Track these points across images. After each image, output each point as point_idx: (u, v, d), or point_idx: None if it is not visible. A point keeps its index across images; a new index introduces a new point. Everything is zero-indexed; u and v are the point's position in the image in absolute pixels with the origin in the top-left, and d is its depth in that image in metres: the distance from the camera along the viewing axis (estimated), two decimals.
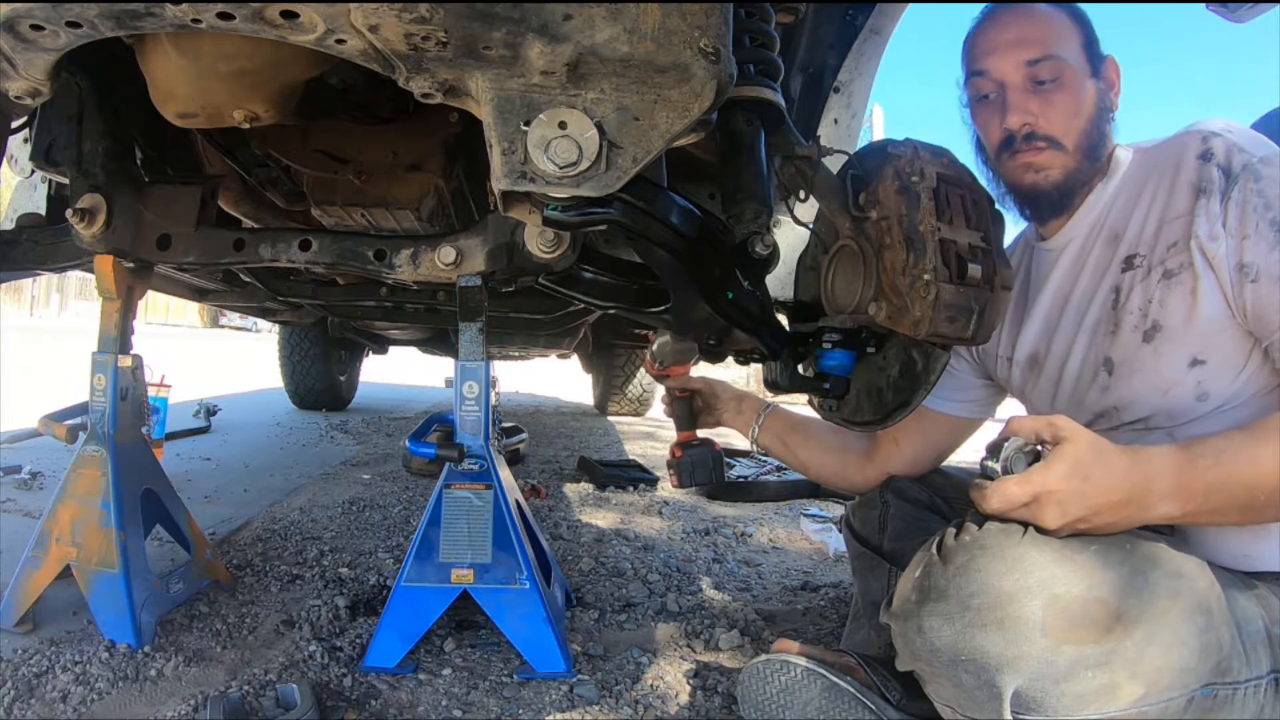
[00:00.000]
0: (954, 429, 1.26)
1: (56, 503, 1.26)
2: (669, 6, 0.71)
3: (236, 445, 3.36)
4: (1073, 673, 0.73)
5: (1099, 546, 0.76)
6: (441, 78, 0.77)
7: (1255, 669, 0.79)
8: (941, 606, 0.77)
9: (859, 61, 1.52)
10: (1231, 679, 0.77)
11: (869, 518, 1.26)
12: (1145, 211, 0.96)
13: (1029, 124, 0.98)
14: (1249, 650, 0.79)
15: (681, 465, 1.32)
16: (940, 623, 0.77)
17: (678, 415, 1.37)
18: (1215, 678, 0.76)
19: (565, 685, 1.18)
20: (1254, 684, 0.79)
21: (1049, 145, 0.98)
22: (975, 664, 0.75)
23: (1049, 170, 1.00)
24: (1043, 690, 0.73)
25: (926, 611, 0.79)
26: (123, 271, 1.31)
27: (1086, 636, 0.72)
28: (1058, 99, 0.97)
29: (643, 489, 2.86)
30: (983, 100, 1.03)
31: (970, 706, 0.78)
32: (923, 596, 0.80)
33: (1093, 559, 0.75)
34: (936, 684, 0.82)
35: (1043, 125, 0.98)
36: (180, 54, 0.96)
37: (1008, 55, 0.99)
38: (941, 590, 0.78)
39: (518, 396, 7.36)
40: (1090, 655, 0.72)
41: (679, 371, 1.35)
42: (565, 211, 0.89)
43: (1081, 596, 0.73)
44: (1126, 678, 0.73)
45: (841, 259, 1.09)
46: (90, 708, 1.05)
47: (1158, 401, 0.94)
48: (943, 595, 0.77)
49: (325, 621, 1.33)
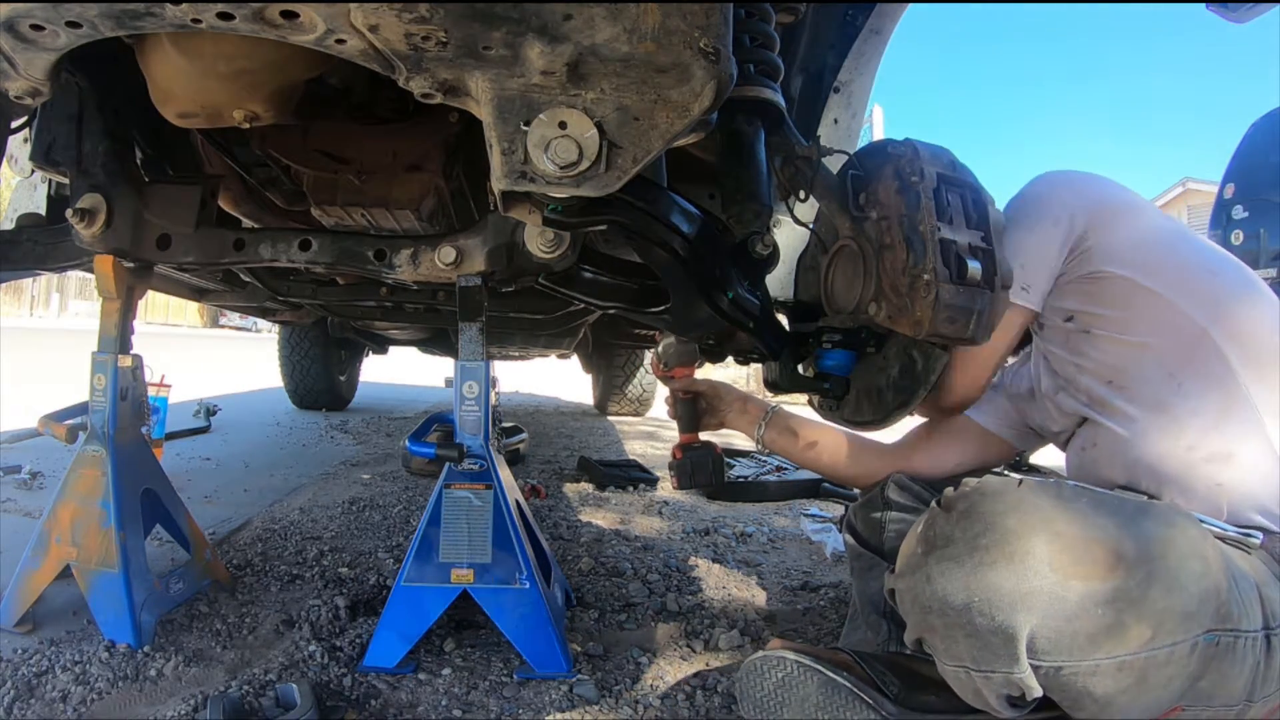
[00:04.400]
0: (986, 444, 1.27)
1: (56, 503, 1.26)
2: (669, 6, 0.71)
3: (236, 445, 3.36)
4: (1082, 609, 0.73)
5: (1090, 498, 0.80)
6: (441, 78, 0.77)
7: (1251, 622, 0.81)
8: (950, 550, 0.78)
9: (859, 61, 1.52)
10: (1233, 626, 0.79)
11: (869, 517, 1.26)
12: None
13: None
14: (1247, 601, 0.81)
15: (682, 467, 1.32)
16: (950, 566, 0.78)
17: (681, 417, 1.37)
18: (1217, 623, 0.77)
19: (565, 685, 1.18)
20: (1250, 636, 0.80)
21: None
22: (988, 603, 0.75)
23: None
24: (1055, 630, 0.74)
25: (935, 558, 0.79)
26: (123, 271, 1.31)
27: (1091, 573, 0.73)
28: None
29: (642, 489, 2.86)
30: None
31: (986, 656, 0.77)
32: (929, 547, 0.81)
33: (1086, 507, 0.78)
34: (949, 640, 0.80)
35: None
36: (180, 54, 0.96)
37: None
38: (948, 536, 0.79)
39: (518, 396, 7.36)
40: (1097, 592, 0.73)
41: (684, 373, 1.36)
42: (565, 212, 0.89)
43: (1081, 535, 0.75)
44: (1133, 618, 0.73)
45: (841, 259, 1.09)
46: (90, 708, 1.05)
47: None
48: (949, 540, 0.79)
49: (325, 621, 1.33)
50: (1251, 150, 4.26)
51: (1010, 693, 0.78)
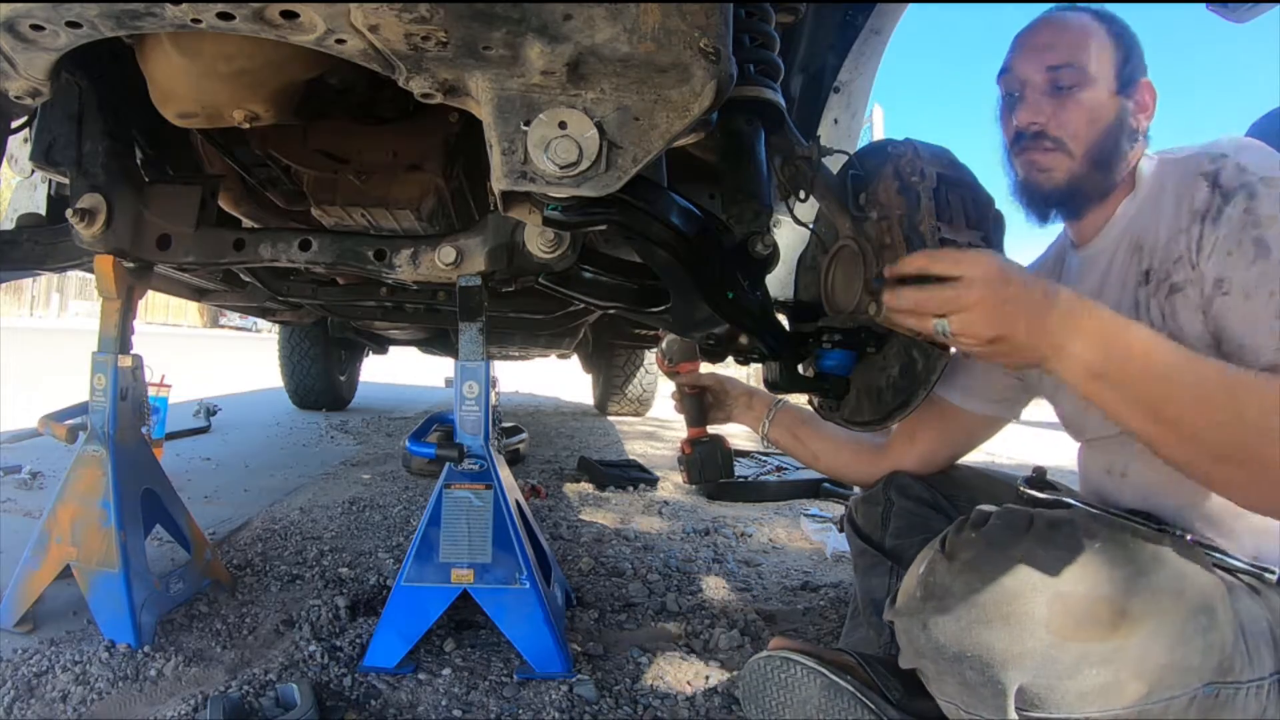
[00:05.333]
0: (974, 428, 1.25)
1: (56, 503, 1.26)
2: (669, 6, 0.71)
3: (236, 445, 3.36)
4: (1077, 670, 0.73)
5: (1102, 544, 0.77)
6: (441, 78, 0.78)
7: (1258, 669, 0.79)
8: (946, 603, 0.78)
9: (859, 61, 1.52)
10: (1234, 679, 0.78)
11: (871, 515, 1.26)
12: (1159, 226, 0.96)
13: (1039, 124, 0.99)
14: (1252, 650, 0.80)
15: (691, 461, 1.33)
16: (945, 619, 0.77)
17: (688, 411, 1.37)
18: (1218, 677, 0.76)
19: (565, 685, 1.18)
20: (1256, 684, 0.79)
21: (1056, 147, 0.99)
22: (980, 660, 0.75)
23: (1052, 172, 1.00)
24: (1047, 687, 0.74)
25: (931, 608, 0.79)
26: (123, 271, 1.32)
27: (1091, 634, 0.73)
28: (1072, 105, 0.98)
29: (643, 489, 2.86)
30: (1008, 98, 1.05)
31: (975, 704, 0.79)
32: (928, 593, 0.80)
33: (1096, 557, 0.76)
34: (941, 681, 0.82)
35: (1053, 127, 0.99)
36: (180, 54, 0.96)
37: (1033, 57, 1.00)
38: (946, 587, 0.78)
39: (518, 396, 7.36)
40: (1094, 653, 0.73)
41: (689, 368, 1.36)
42: (565, 211, 0.89)
43: (1086, 595, 0.73)
44: (1130, 676, 0.73)
45: (841, 259, 1.09)
46: (90, 708, 1.05)
47: None
48: (948, 592, 0.78)
49: (325, 621, 1.33)
50: None
51: None
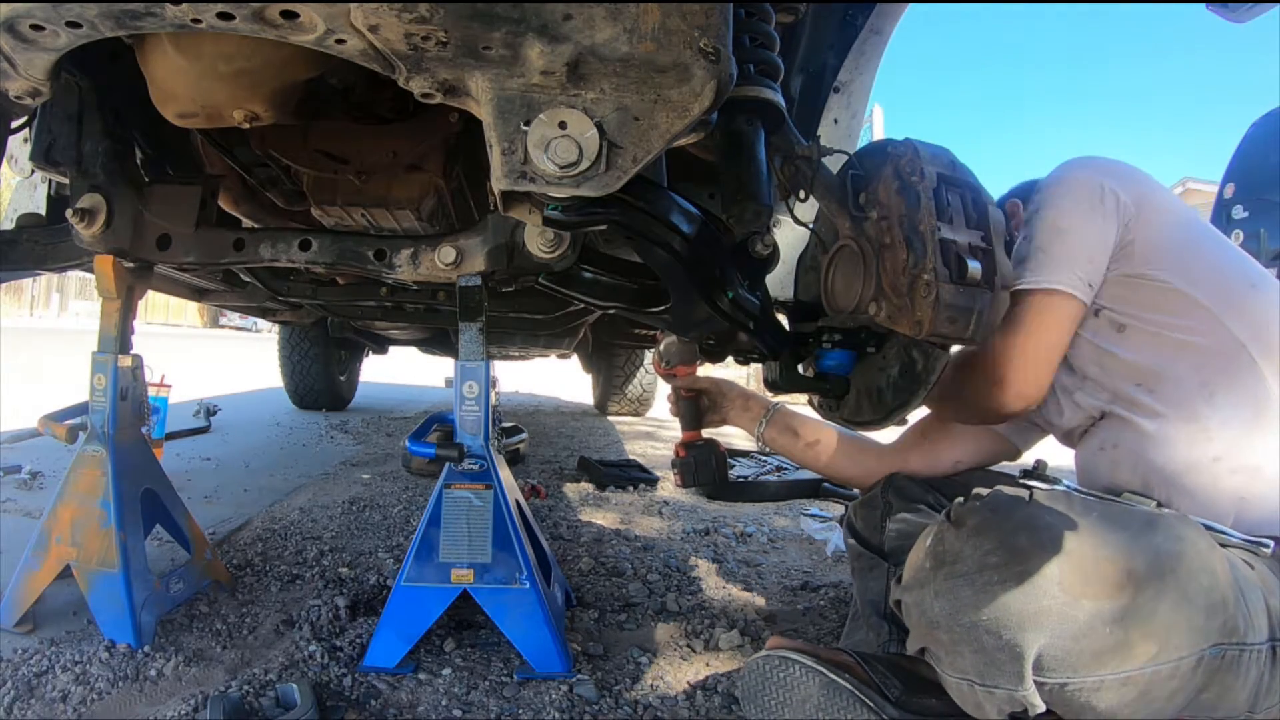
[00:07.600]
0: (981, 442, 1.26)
1: (56, 503, 1.26)
2: (669, 6, 0.71)
3: (236, 445, 3.36)
4: (1090, 628, 0.73)
5: (1100, 513, 0.79)
6: (441, 78, 0.77)
7: (1257, 635, 0.80)
8: (959, 568, 0.78)
9: (859, 61, 1.52)
10: (1239, 639, 0.78)
11: (870, 518, 1.26)
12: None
13: None
14: (1254, 612, 0.81)
15: (685, 465, 1.32)
16: (958, 584, 0.78)
17: (683, 415, 1.37)
18: (1223, 637, 0.77)
19: (565, 685, 1.18)
20: (1255, 649, 0.80)
21: None
22: (996, 623, 0.75)
23: None
24: (1063, 649, 0.74)
25: (944, 574, 0.79)
26: (123, 271, 1.32)
27: (1100, 592, 0.73)
28: None
29: (643, 489, 2.86)
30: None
31: (992, 672, 0.77)
32: (938, 562, 0.80)
33: (1098, 522, 0.77)
34: (955, 654, 0.80)
35: None
36: (180, 54, 0.96)
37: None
38: (957, 552, 0.79)
39: (518, 396, 7.36)
40: (1106, 610, 0.73)
41: (686, 371, 1.36)
42: (565, 211, 0.89)
43: (1092, 554, 0.75)
44: (1140, 635, 0.74)
45: (841, 259, 1.09)
46: (90, 708, 1.05)
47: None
48: (958, 557, 0.78)
49: (325, 621, 1.33)
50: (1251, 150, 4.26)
51: (1013, 709, 0.78)
